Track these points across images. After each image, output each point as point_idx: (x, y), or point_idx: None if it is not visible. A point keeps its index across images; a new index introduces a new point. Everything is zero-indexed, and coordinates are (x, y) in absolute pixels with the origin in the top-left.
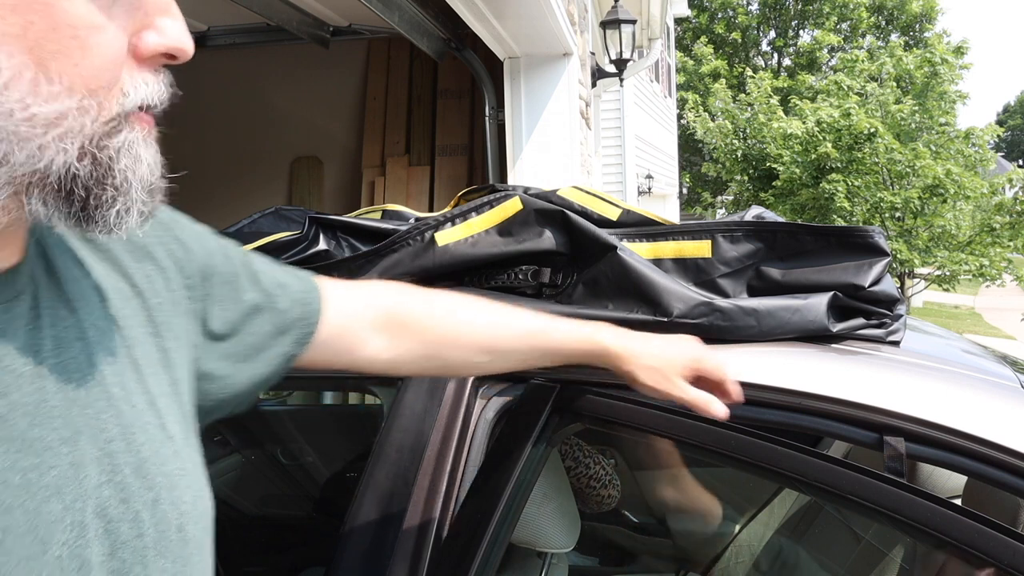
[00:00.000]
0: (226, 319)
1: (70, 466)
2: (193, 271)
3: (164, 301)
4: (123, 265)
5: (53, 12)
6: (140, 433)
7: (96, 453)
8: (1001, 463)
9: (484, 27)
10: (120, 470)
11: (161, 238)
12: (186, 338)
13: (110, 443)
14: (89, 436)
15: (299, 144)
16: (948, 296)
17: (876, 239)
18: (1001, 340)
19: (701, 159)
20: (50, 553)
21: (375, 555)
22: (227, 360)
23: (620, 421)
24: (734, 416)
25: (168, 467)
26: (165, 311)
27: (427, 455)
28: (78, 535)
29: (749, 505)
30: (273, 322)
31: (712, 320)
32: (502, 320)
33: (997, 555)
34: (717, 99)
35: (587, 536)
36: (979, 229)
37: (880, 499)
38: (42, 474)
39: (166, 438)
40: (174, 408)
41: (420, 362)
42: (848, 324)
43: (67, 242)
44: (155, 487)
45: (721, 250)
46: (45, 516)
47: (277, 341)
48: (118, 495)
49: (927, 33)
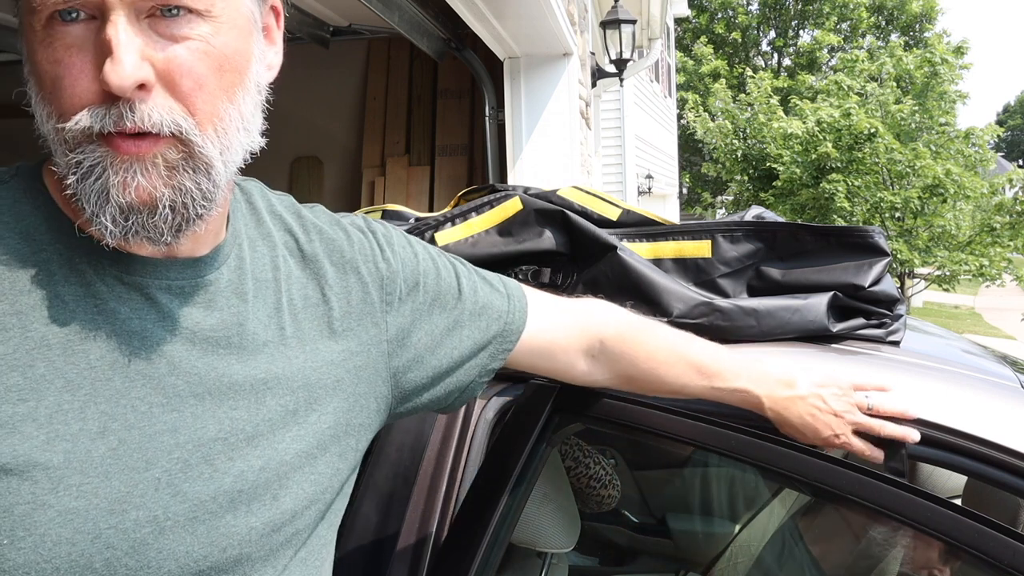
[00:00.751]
0: (430, 331)
1: (192, 415)
2: (398, 288)
3: (354, 311)
4: (324, 274)
5: None
6: (268, 410)
7: (219, 413)
8: (1001, 463)
9: (484, 27)
10: (236, 433)
11: (371, 256)
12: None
13: (235, 410)
14: (217, 398)
15: (299, 144)
16: (948, 296)
17: (876, 239)
18: (1001, 340)
19: (701, 159)
20: (151, 472)
21: (375, 555)
22: (426, 370)
23: (620, 421)
24: (735, 416)
25: (283, 445)
26: (351, 319)
27: (427, 455)
28: (182, 469)
29: (749, 505)
30: (473, 338)
31: (712, 320)
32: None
33: (997, 555)
34: (717, 99)
35: (587, 536)
36: (979, 229)
37: (880, 499)
38: (165, 412)
39: (297, 423)
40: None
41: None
42: (848, 324)
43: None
44: (264, 455)
45: (721, 250)
46: (157, 442)
47: (477, 355)
48: (226, 452)
49: (927, 33)
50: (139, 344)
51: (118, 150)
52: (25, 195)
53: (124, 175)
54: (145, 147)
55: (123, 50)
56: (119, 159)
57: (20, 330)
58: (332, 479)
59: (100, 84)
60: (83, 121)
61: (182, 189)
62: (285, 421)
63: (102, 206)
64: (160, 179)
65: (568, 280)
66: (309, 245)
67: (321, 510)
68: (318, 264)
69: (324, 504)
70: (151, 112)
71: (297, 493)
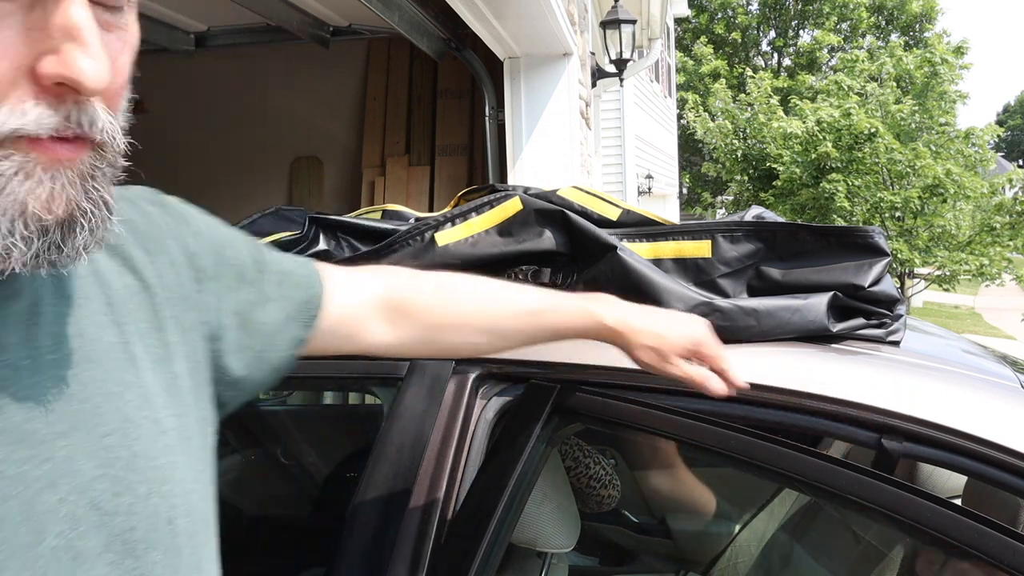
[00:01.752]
0: (238, 310)
1: (65, 459)
2: (206, 263)
3: (174, 296)
4: (133, 260)
5: None
6: (134, 428)
7: (91, 446)
8: (1001, 463)
9: (484, 27)
10: (114, 464)
11: (174, 231)
12: (197, 331)
13: (105, 437)
14: (84, 430)
15: (299, 144)
16: (948, 296)
17: (876, 239)
18: (1001, 340)
19: (701, 159)
20: (45, 544)
21: (375, 555)
22: (243, 351)
23: (620, 421)
24: (734, 416)
25: (159, 461)
26: (174, 305)
27: (427, 455)
28: (72, 526)
29: (749, 505)
30: (283, 308)
31: (712, 320)
32: (501, 300)
33: (997, 555)
34: (717, 99)
35: (587, 536)
36: (979, 229)
37: (880, 499)
38: (36, 466)
39: (159, 432)
40: (172, 403)
41: (421, 346)
42: (848, 324)
43: None
44: (147, 481)
45: (721, 250)
46: (40, 507)
47: (287, 327)
48: (112, 488)
49: (927, 33)
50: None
51: (50, 155)
52: None
53: (50, 185)
54: (74, 152)
55: (98, 40)
56: (42, 166)
57: None
58: (196, 483)
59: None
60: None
61: (101, 204)
62: (152, 433)
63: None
64: (83, 191)
65: (568, 280)
66: None
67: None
68: (124, 248)
69: (201, 511)
70: (96, 115)
71: (182, 509)
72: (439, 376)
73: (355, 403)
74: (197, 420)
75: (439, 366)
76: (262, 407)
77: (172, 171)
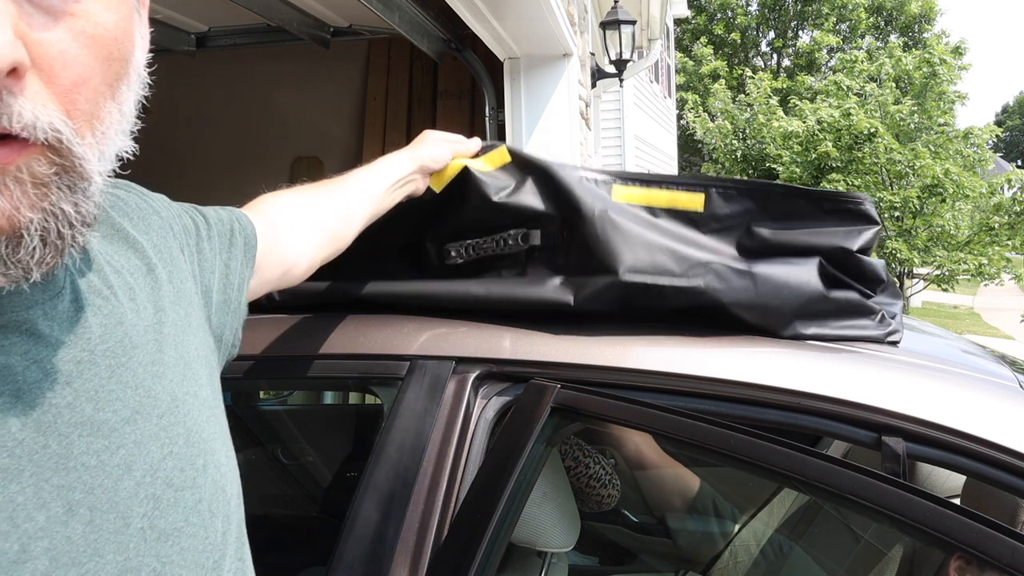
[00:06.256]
0: (211, 269)
1: (134, 444)
2: (179, 232)
3: (173, 269)
4: (136, 241)
5: None
6: (182, 404)
7: (153, 429)
8: (1000, 463)
9: (484, 28)
10: (176, 441)
11: (148, 209)
12: (197, 300)
13: (162, 417)
14: (144, 414)
15: (300, 144)
16: (947, 296)
17: (867, 207)
18: (1000, 340)
19: (701, 159)
20: (133, 526)
21: (375, 555)
22: (223, 309)
23: (620, 421)
24: (734, 416)
25: (206, 432)
26: (176, 280)
27: (427, 455)
28: (153, 507)
29: (749, 505)
30: (236, 257)
31: (708, 281)
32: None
33: (997, 555)
34: (717, 99)
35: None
36: (978, 229)
37: (880, 499)
38: (112, 454)
39: (201, 405)
40: (202, 372)
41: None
42: (843, 294)
43: None
44: (203, 453)
45: (714, 205)
46: (122, 492)
47: (244, 274)
48: (177, 465)
49: (926, 34)
50: (51, 393)
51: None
52: None
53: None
54: (6, 156)
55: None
56: None
57: None
58: (229, 451)
59: None
60: None
61: (56, 213)
62: (196, 407)
63: None
64: (26, 200)
65: (560, 242)
66: (101, 213)
67: (236, 484)
68: (120, 231)
69: (236, 478)
70: (22, 109)
71: (230, 477)
72: (439, 376)
73: (355, 403)
74: (218, 387)
75: (439, 366)
76: (261, 407)
77: (173, 171)
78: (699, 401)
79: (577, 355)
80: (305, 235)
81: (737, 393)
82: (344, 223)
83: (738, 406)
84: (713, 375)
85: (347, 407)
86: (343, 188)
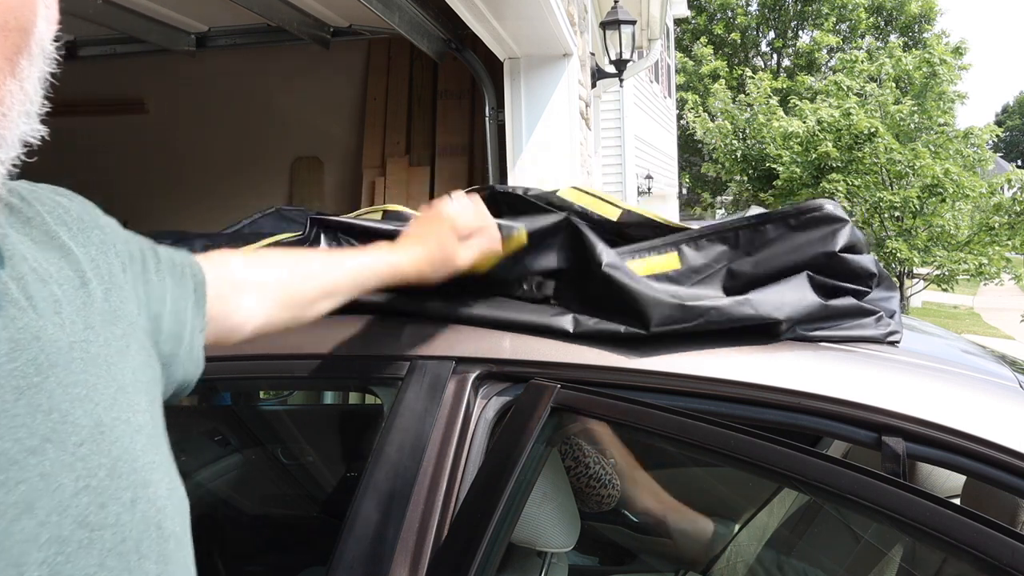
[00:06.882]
0: (160, 299)
1: (40, 477)
2: (123, 252)
3: (111, 287)
4: (71, 252)
5: None
6: (110, 430)
7: (67, 459)
8: (1000, 463)
9: (484, 28)
10: (95, 473)
11: (92, 222)
12: (139, 323)
13: (81, 446)
14: (57, 442)
15: (299, 144)
16: (947, 296)
17: (829, 209)
18: (1000, 340)
19: (701, 159)
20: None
21: (375, 555)
22: (174, 341)
23: (620, 421)
24: (734, 416)
25: (140, 462)
26: (113, 297)
27: (427, 455)
28: (57, 551)
29: (749, 505)
30: (184, 297)
31: (710, 317)
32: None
33: (997, 555)
34: (716, 99)
35: (587, 536)
36: (978, 229)
37: (880, 499)
38: (9, 491)
39: (135, 432)
40: (141, 398)
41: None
42: (840, 303)
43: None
44: (131, 486)
45: (688, 259)
46: (17, 535)
47: (192, 315)
48: (96, 500)
49: (926, 34)
50: None
51: None
52: None
53: None
54: None
55: None
56: None
57: None
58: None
59: None
60: None
61: None
62: (128, 434)
63: None
64: None
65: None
66: (37, 216)
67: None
68: (55, 238)
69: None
70: None
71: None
72: (439, 376)
73: (355, 403)
74: (159, 415)
75: (439, 366)
76: (261, 407)
77: (173, 171)
78: (699, 401)
79: (577, 355)
80: (258, 297)
81: (737, 393)
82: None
83: (738, 406)
84: (713, 375)
85: (347, 407)
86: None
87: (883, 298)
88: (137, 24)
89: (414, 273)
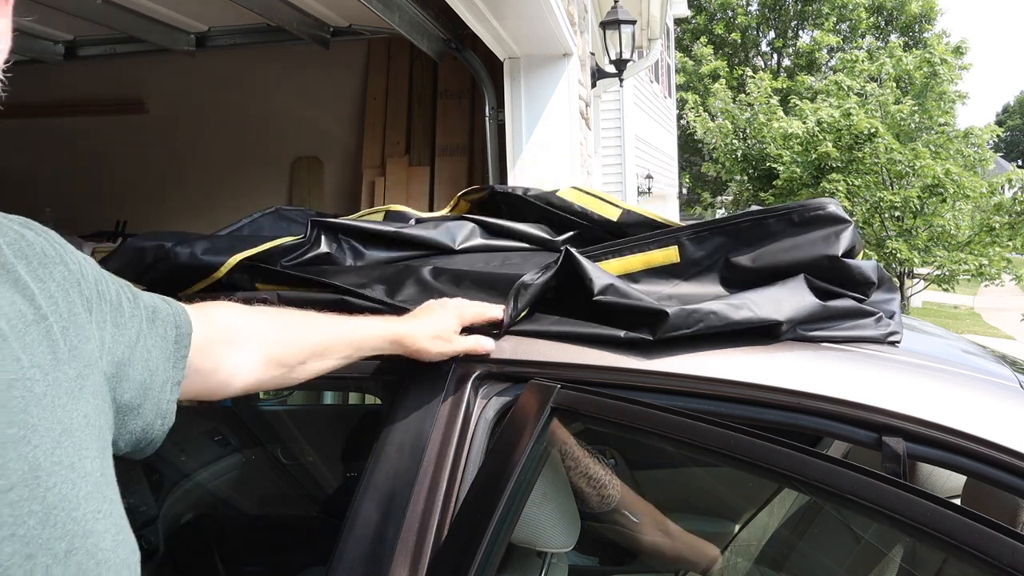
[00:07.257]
0: (129, 344)
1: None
2: (91, 294)
3: (70, 325)
4: (27, 287)
5: None
6: (48, 475)
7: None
8: (1001, 463)
9: (484, 27)
10: (24, 522)
11: (59, 257)
12: (99, 366)
13: (9, 492)
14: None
15: (299, 144)
16: (947, 296)
17: (832, 209)
18: (1000, 340)
19: (701, 159)
20: None
21: (375, 555)
22: (140, 392)
23: (620, 421)
24: (734, 416)
25: (81, 510)
26: (71, 336)
27: (427, 455)
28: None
29: (749, 505)
30: (159, 347)
31: (710, 322)
32: (325, 325)
33: (997, 555)
34: (717, 99)
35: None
36: (978, 229)
37: (880, 499)
38: None
39: (78, 478)
40: (91, 443)
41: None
42: (840, 304)
43: None
44: (67, 535)
45: (688, 252)
46: None
47: (164, 366)
48: (22, 551)
49: (926, 33)
50: None
51: None
52: None
53: None
54: None
55: None
56: None
57: None
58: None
59: None
60: None
61: None
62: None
63: None
64: None
65: None
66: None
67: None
68: (11, 272)
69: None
70: None
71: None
72: (439, 376)
73: (355, 403)
74: (109, 463)
75: (439, 366)
76: (261, 407)
77: (172, 171)
78: (699, 401)
79: (577, 355)
80: (248, 353)
81: (737, 393)
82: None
83: (738, 406)
84: (713, 375)
85: (347, 407)
86: (311, 325)
87: (883, 300)
88: (137, 24)
89: (412, 343)
